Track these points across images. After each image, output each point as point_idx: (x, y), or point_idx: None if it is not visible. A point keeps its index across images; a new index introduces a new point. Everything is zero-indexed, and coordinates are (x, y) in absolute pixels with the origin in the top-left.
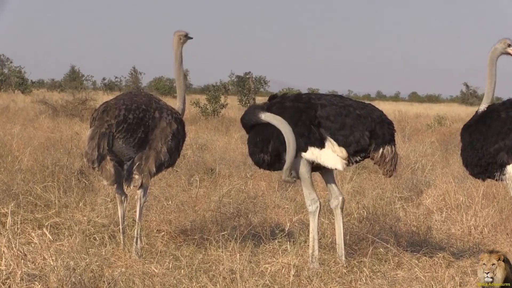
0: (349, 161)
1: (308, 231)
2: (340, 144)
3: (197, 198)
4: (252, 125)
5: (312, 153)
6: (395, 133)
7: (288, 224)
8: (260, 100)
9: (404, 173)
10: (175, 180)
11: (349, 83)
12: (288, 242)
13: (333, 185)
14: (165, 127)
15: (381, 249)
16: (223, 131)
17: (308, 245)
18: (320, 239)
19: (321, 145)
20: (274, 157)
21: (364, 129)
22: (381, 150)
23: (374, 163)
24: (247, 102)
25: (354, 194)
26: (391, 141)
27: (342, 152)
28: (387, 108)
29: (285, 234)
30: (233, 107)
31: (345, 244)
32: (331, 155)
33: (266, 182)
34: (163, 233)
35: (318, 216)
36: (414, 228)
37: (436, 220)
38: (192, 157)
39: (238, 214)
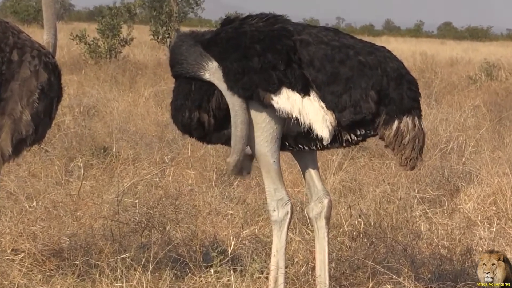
0: (339, 137)
1: (268, 254)
2: (328, 106)
3: (80, 197)
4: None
5: (288, 99)
6: (420, 97)
7: (232, 242)
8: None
9: (430, 159)
10: (43, 166)
11: (339, 7)
12: (233, 272)
13: (315, 178)
14: (29, 78)
15: (388, 286)
16: (125, 84)
17: (267, 277)
18: (287, 267)
19: (304, 90)
20: (218, 120)
21: (369, 87)
22: (395, 124)
23: (385, 146)
24: (167, 35)
25: (344, 192)
26: (413, 110)
27: (331, 118)
28: (401, 48)
29: (227, 258)
30: (143, 44)
31: (330, 277)
32: (319, 111)
33: (196, 171)
34: (22, 254)
35: (288, 229)
36: (445, 250)
37: (481, 238)
38: (73, 128)
39: (148, 225)
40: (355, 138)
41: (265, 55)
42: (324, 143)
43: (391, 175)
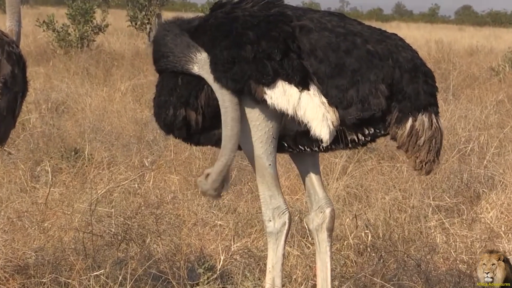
0: (344, 137)
1: (263, 271)
2: (332, 102)
3: (47, 206)
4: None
5: (283, 93)
6: (437, 91)
7: (222, 257)
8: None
9: (446, 162)
10: (6, 171)
11: None
12: None
13: (316, 184)
14: None
15: None
16: (99, 77)
17: None
18: (284, 285)
19: (303, 83)
20: (207, 119)
21: (379, 80)
22: (409, 122)
23: (398, 147)
24: (146, 21)
25: (349, 200)
26: (429, 106)
27: (333, 116)
28: (414, 35)
29: (216, 275)
30: (119, 32)
31: None
32: (319, 107)
33: (180, 176)
34: None
35: (285, 241)
36: (464, 265)
37: (505, 251)
38: (40, 127)
39: (125, 237)
40: (363, 138)
41: (259, 42)
42: (324, 144)
43: (403, 180)
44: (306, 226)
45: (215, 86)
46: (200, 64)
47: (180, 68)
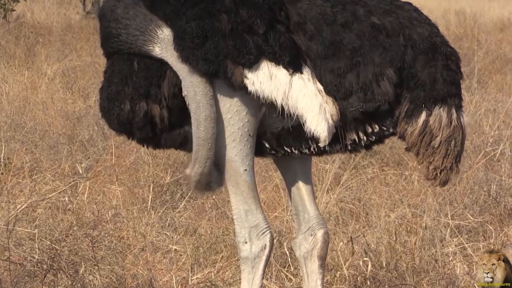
0: (343, 137)
1: None
2: (326, 90)
3: None
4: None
5: (269, 77)
6: (462, 79)
7: None
8: None
9: (469, 169)
10: None
11: None
12: None
13: (307, 199)
14: None
15: None
16: (19, 57)
17: None
18: None
19: (295, 64)
20: (174, 114)
21: (386, 62)
22: (422, 117)
23: (407, 149)
24: None
25: (343, 218)
26: (449, 97)
27: (333, 108)
28: (428, 5)
29: None
30: None
31: None
32: (315, 96)
33: (124, 187)
34: None
35: (264, 270)
36: None
37: None
38: None
39: (53, 266)
40: (365, 138)
41: (237, 11)
42: (321, 144)
43: (413, 193)
44: (289, 252)
45: (182, 73)
46: (163, 44)
47: (137, 50)
